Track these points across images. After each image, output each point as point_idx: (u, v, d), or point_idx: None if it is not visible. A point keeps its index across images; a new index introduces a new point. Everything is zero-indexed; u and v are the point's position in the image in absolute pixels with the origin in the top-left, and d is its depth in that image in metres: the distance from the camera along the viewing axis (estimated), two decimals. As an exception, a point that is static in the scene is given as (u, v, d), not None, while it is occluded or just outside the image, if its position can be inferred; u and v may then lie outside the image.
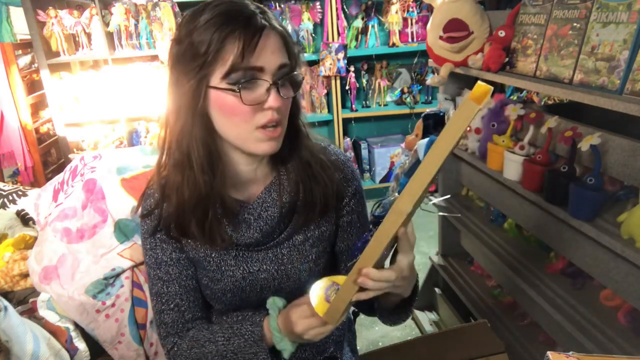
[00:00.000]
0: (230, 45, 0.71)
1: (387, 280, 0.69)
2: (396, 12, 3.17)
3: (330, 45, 3.15)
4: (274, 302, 0.82)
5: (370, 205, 0.97)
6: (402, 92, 3.45)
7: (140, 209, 0.91)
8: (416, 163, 0.56)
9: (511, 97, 2.24)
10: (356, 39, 3.30)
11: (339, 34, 3.18)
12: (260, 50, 0.72)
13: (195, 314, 0.91)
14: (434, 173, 0.56)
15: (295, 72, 0.78)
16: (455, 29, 1.54)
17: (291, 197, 0.86)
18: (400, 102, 3.47)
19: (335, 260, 1.00)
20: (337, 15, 3.13)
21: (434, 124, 0.54)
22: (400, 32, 3.27)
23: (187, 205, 0.81)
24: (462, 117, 0.54)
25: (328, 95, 3.37)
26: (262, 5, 0.78)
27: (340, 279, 0.75)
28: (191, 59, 0.73)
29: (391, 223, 0.63)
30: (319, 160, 0.88)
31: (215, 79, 0.73)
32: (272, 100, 0.74)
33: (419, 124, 0.54)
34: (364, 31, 3.31)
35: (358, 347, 1.19)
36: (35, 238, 1.59)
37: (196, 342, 0.86)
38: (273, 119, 0.75)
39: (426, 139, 0.53)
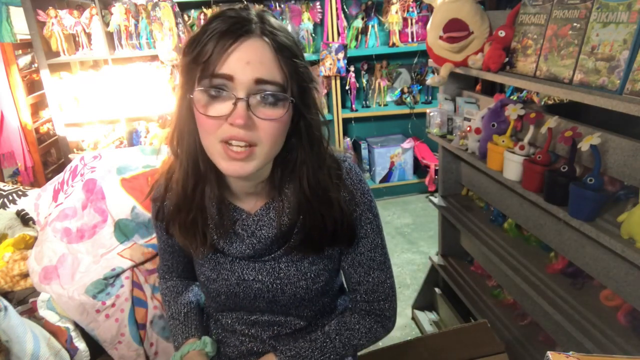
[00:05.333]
0: (208, 48, 0.67)
1: None
2: (396, 12, 3.17)
3: (330, 45, 3.15)
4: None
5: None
6: (402, 92, 3.45)
7: (152, 193, 0.93)
8: None
9: (511, 97, 2.24)
10: (356, 39, 3.30)
11: (339, 34, 3.18)
12: (231, 57, 0.67)
13: (182, 274, 1.05)
14: None
15: (275, 92, 0.69)
16: (455, 29, 1.54)
17: (290, 220, 0.81)
18: (400, 102, 3.47)
19: (331, 279, 0.93)
20: (337, 15, 3.14)
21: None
22: (400, 32, 3.27)
23: (181, 208, 0.82)
24: None
25: (328, 95, 3.37)
26: (266, 14, 0.72)
27: None
28: (184, 63, 0.72)
29: None
30: (327, 194, 0.80)
31: (195, 85, 0.70)
32: (235, 116, 0.67)
33: None
34: (364, 31, 3.31)
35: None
36: (35, 238, 1.59)
37: (169, 292, 1.05)
38: (236, 136, 0.68)
39: None
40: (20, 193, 1.84)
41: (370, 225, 0.87)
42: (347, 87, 3.35)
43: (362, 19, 3.25)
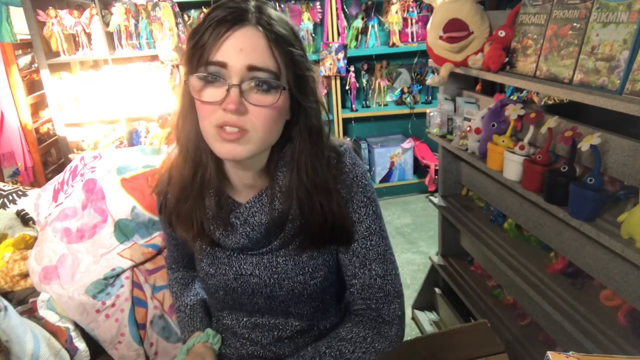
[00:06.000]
0: (205, 36, 0.70)
1: None
2: (396, 12, 3.17)
3: (330, 45, 3.15)
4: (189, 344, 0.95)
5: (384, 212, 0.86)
6: (402, 92, 3.45)
7: (156, 186, 0.94)
8: None
9: (511, 97, 2.24)
10: (356, 39, 3.30)
11: (339, 34, 3.18)
12: (224, 45, 0.69)
13: (187, 266, 1.08)
14: None
15: (267, 79, 0.70)
16: (455, 29, 1.54)
17: (283, 206, 0.80)
18: (400, 102, 3.47)
19: (331, 275, 0.90)
20: (337, 15, 3.14)
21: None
22: (400, 32, 3.27)
23: (181, 198, 0.83)
24: None
25: (328, 95, 3.37)
26: (264, 5, 0.73)
27: None
28: (186, 51, 0.75)
29: None
30: (327, 185, 0.79)
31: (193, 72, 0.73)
32: (227, 102, 0.69)
33: None
34: (364, 31, 3.31)
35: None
36: (35, 238, 1.59)
37: (176, 284, 1.08)
38: (229, 122, 0.70)
39: None
40: (20, 193, 1.83)
41: (365, 209, 0.83)
42: (347, 87, 3.35)
43: (362, 19, 3.25)
